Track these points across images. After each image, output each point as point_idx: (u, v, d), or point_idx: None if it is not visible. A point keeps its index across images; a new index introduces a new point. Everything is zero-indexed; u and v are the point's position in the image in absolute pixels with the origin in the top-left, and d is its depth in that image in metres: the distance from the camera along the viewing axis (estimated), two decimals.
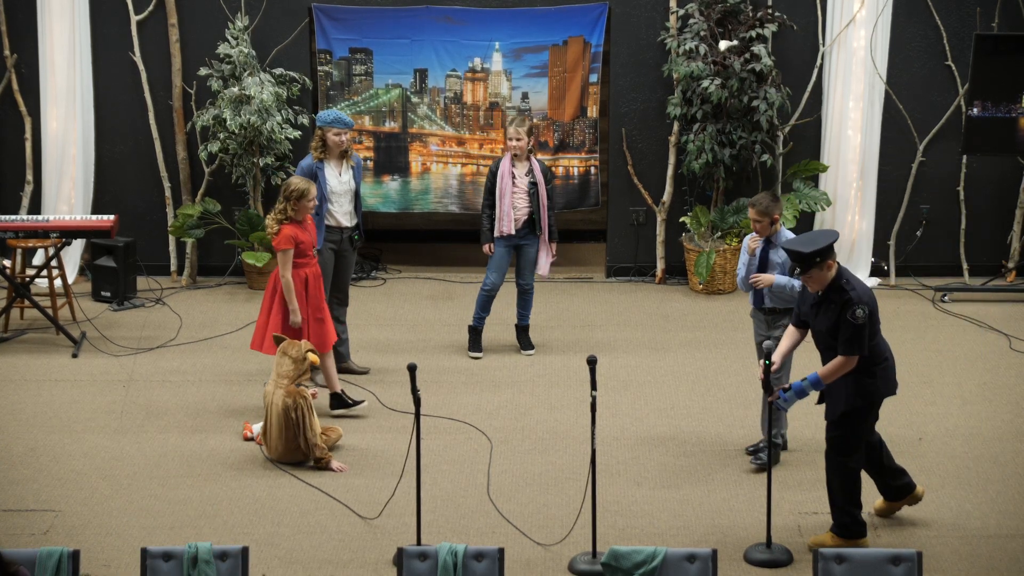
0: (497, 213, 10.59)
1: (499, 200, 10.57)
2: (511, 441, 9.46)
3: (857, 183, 12.54)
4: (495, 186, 10.58)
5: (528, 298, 10.93)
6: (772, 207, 8.71)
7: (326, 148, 10.14)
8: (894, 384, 7.95)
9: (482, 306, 10.87)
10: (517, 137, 10.53)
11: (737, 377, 10.49)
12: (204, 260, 12.88)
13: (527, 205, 10.63)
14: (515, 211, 10.59)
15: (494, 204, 10.61)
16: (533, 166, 10.65)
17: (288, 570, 7.75)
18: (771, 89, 12.09)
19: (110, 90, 12.63)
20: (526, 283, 10.87)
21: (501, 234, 10.63)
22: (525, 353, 10.93)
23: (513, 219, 10.59)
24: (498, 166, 10.62)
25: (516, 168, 10.60)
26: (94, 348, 11.10)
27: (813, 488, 8.71)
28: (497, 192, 10.57)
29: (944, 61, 12.48)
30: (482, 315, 10.90)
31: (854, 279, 7.71)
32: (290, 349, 9.06)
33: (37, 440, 9.45)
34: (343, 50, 12.55)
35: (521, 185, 10.59)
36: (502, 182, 10.55)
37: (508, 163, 10.59)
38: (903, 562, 6.42)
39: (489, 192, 10.64)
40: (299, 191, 9.43)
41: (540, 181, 10.63)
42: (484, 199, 10.70)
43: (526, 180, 10.60)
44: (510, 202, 10.57)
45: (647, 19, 12.48)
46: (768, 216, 8.73)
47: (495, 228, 10.62)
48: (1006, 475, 8.91)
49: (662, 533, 8.17)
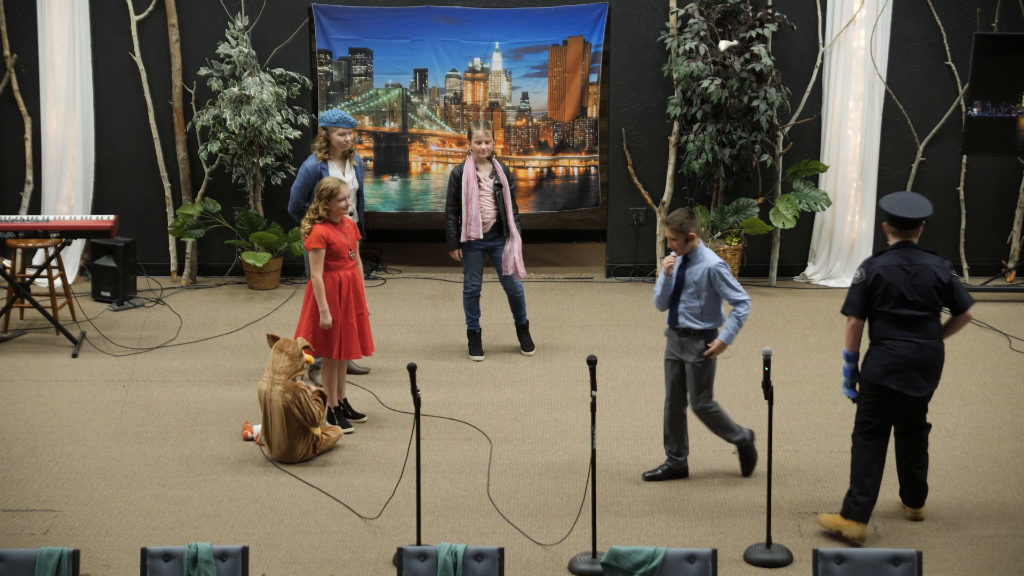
0: (464, 218, 10.48)
1: (465, 205, 10.47)
2: (511, 441, 9.46)
3: (857, 183, 12.54)
4: (459, 191, 10.48)
5: (519, 300, 10.89)
6: (687, 224, 8.37)
7: (330, 148, 10.13)
8: (894, 376, 7.89)
9: (470, 309, 10.85)
10: (486, 140, 10.46)
11: (737, 377, 10.49)
12: (204, 260, 12.88)
13: (494, 208, 10.57)
14: (483, 215, 10.54)
15: (459, 209, 10.50)
16: (496, 168, 10.61)
17: (288, 570, 7.75)
18: (771, 89, 12.09)
19: (110, 90, 12.63)
20: (512, 286, 10.82)
21: (469, 239, 10.54)
22: (526, 353, 10.92)
23: (481, 223, 10.53)
24: (461, 170, 10.51)
25: (480, 171, 10.55)
26: (94, 348, 11.10)
27: (813, 488, 8.72)
28: (464, 197, 10.47)
29: (944, 61, 12.49)
30: (473, 317, 10.88)
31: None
32: (287, 346, 9.06)
33: (37, 440, 9.45)
34: (343, 50, 12.55)
35: (487, 188, 10.54)
36: (467, 187, 10.46)
37: (472, 167, 10.51)
38: (903, 562, 6.42)
39: (454, 198, 10.51)
40: (329, 190, 9.30)
41: (504, 183, 10.57)
42: (448, 204, 10.55)
43: (491, 183, 10.55)
44: (477, 206, 10.49)
45: (647, 19, 12.49)
46: (683, 234, 8.38)
47: (462, 233, 10.55)
48: (1006, 475, 8.91)
49: (662, 533, 8.17)
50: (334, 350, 9.40)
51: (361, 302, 9.53)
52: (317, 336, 9.36)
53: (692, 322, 8.52)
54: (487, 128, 10.52)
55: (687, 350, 8.58)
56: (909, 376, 7.90)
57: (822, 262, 12.78)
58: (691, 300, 8.50)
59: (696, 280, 8.45)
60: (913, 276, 7.84)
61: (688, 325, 8.53)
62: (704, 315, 8.50)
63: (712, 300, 8.48)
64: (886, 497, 8.44)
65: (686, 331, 8.55)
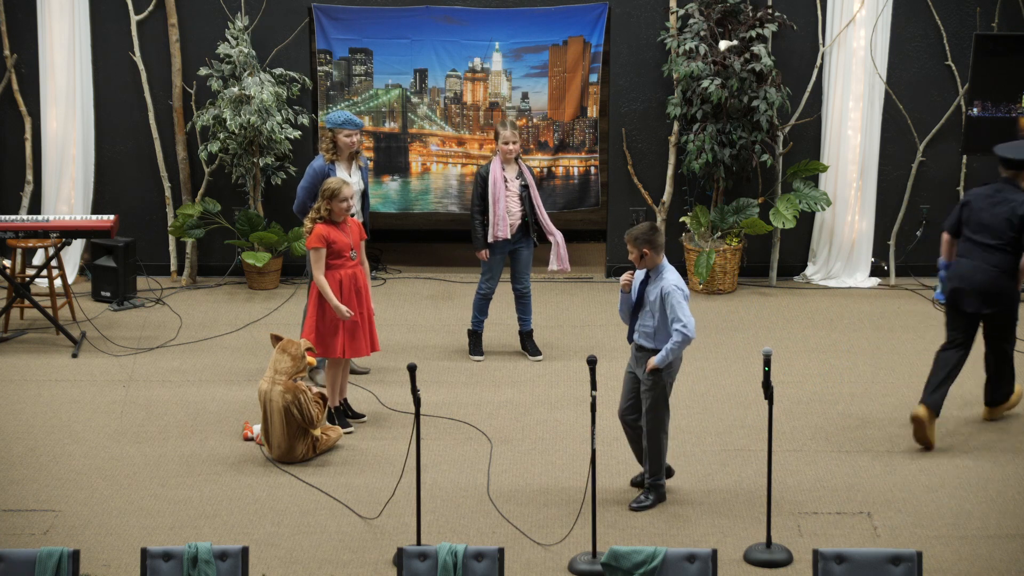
0: (491, 218, 10.51)
1: (493, 205, 10.48)
2: (511, 441, 9.46)
3: (857, 183, 12.54)
4: (486, 191, 10.48)
5: (527, 302, 10.88)
6: (642, 238, 8.12)
7: (337, 150, 10.13)
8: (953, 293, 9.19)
9: (479, 309, 10.85)
10: (514, 140, 10.47)
11: (737, 377, 10.49)
12: (204, 260, 12.88)
13: (520, 209, 10.58)
14: (509, 216, 10.55)
15: (486, 209, 10.50)
16: (522, 168, 10.61)
17: (288, 570, 7.75)
18: (771, 89, 12.09)
19: (110, 90, 12.63)
20: (523, 287, 10.82)
21: (496, 239, 10.56)
22: (533, 359, 10.87)
23: (508, 224, 10.55)
24: (488, 171, 10.51)
25: (506, 171, 10.55)
26: (94, 348, 11.10)
27: (813, 488, 8.72)
28: (491, 197, 10.49)
29: (944, 61, 12.48)
30: (480, 319, 10.88)
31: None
32: (290, 347, 9.06)
33: (37, 440, 9.45)
34: (343, 50, 12.55)
35: (513, 189, 10.54)
36: (495, 187, 10.47)
37: (499, 167, 10.52)
38: (903, 562, 6.42)
39: (480, 198, 10.51)
40: (331, 189, 9.33)
41: (531, 183, 10.59)
42: (475, 205, 10.54)
43: (517, 183, 10.55)
44: (505, 207, 10.51)
45: (647, 19, 12.48)
46: (636, 248, 8.14)
47: (489, 233, 10.58)
48: (1006, 475, 8.91)
49: (662, 533, 8.17)
50: (338, 349, 9.41)
51: (363, 301, 9.53)
52: (322, 336, 9.36)
53: (644, 340, 8.33)
54: (514, 128, 10.52)
55: (640, 366, 8.40)
56: (964, 294, 9.10)
57: (822, 262, 12.78)
58: (645, 318, 8.28)
59: (651, 300, 8.23)
60: (995, 205, 9.05)
61: (640, 343, 8.36)
62: (656, 335, 8.26)
63: (664, 321, 8.20)
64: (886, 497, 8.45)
65: (639, 348, 8.39)
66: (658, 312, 8.20)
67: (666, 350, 8.18)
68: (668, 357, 8.21)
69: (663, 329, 8.23)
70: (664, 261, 8.25)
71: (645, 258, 8.18)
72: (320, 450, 9.14)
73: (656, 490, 8.51)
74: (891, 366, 10.74)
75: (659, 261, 8.22)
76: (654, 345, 8.27)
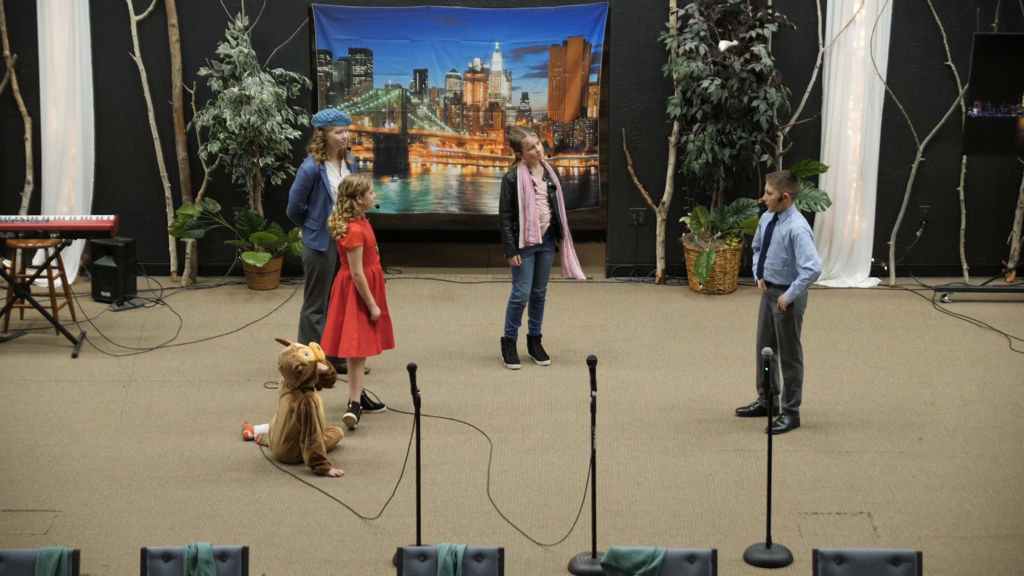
0: (523, 224, 10.41)
1: (523, 211, 10.38)
2: (511, 441, 9.46)
3: (857, 183, 12.54)
4: (515, 198, 10.40)
5: (540, 306, 10.82)
6: (784, 184, 9.23)
7: (327, 148, 10.13)
8: None
9: (513, 317, 10.75)
10: (538, 142, 10.42)
11: (737, 377, 10.49)
12: (204, 260, 12.88)
13: (549, 211, 10.54)
14: (540, 220, 10.48)
15: (515, 216, 10.41)
16: (547, 169, 10.59)
17: (288, 570, 7.75)
18: (771, 89, 12.09)
19: (110, 90, 12.63)
20: (541, 291, 10.77)
21: (527, 244, 10.50)
22: (541, 364, 10.84)
23: (539, 228, 10.50)
24: (515, 176, 10.40)
25: (533, 175, 10.50)
26: (94, 348, 11.10)
27: (813, 488, 8.72)
28: (520, 203, 10.39)
29: (944, 61, 12.49)
30: (514, 326, 10.76)
31: None
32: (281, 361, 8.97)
33: (37, 440, 9.45)
34: (343, 50, 12.55)
35: (542, 192, 10.49)
36: (524, 192, 10.37)
37: (525, 172, 10.42)
38: (903, 562, 6.42)
39: (509, 204, 10.41)
40: (363, 185, 9.40)
41: (557, 183, 10.57)
42: (504, 211, 10.43)
43: (544, 185, 10.51)
44: (536, 211, 10.44)
45: (647, 19, 12.49)
46: (779, 191, 9.24)
47: (520, 239, 10.51)
48: (1006, 475, 8.91)
49: (662, 533, 8.17)
50: (375, 346, 9.55)
51: (384, 294, 9.71)
52: (365, 335, 9.44)
53: (772, 277, 9.38)
54: (532, 132, 10.51)
55: (773, 300, 9.38)
56: None
57: (822, 262, 12.77)
58: (774, 256, 9.33)
59: (779, 239, 9.26)
60: None
61: (768, 279, 9.41)
62: (784, 271, 9.30)
63: (790, 259, 9.24)
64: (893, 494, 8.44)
65: (768, 284, 9.41)
66: (785, 251, 9.24)
67: (795, 286, 9.24)
68: (796, 292, 9.25)
69: (790, 266, 9.26)
70: (792, 206, 9.37)
71: (783, 200, 9.29)
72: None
73: (792, 415, 9.49)
74: (891, 367, 10.75)
75: (789, 206, 9.32)
76: (781, 280, 9.34)
